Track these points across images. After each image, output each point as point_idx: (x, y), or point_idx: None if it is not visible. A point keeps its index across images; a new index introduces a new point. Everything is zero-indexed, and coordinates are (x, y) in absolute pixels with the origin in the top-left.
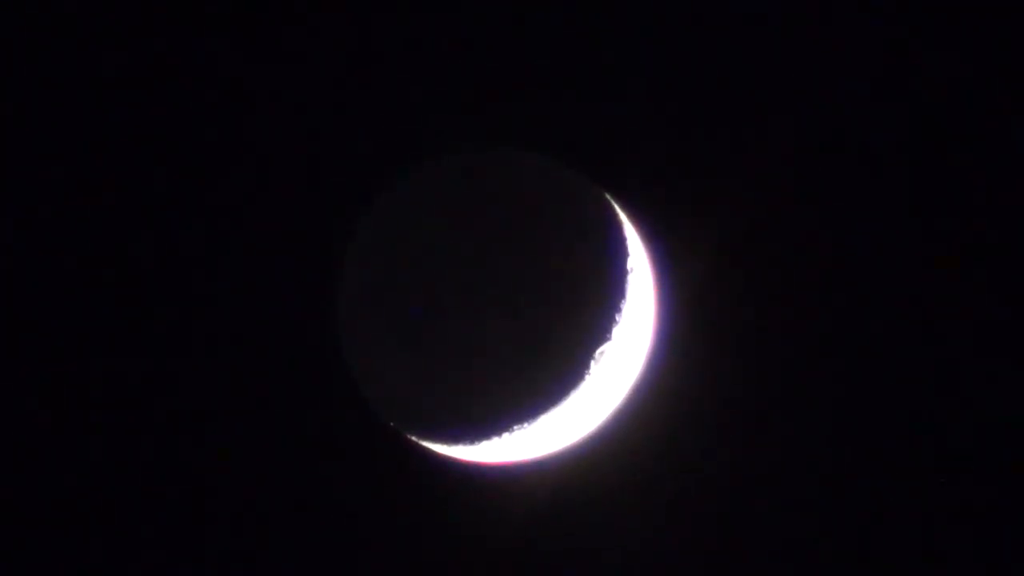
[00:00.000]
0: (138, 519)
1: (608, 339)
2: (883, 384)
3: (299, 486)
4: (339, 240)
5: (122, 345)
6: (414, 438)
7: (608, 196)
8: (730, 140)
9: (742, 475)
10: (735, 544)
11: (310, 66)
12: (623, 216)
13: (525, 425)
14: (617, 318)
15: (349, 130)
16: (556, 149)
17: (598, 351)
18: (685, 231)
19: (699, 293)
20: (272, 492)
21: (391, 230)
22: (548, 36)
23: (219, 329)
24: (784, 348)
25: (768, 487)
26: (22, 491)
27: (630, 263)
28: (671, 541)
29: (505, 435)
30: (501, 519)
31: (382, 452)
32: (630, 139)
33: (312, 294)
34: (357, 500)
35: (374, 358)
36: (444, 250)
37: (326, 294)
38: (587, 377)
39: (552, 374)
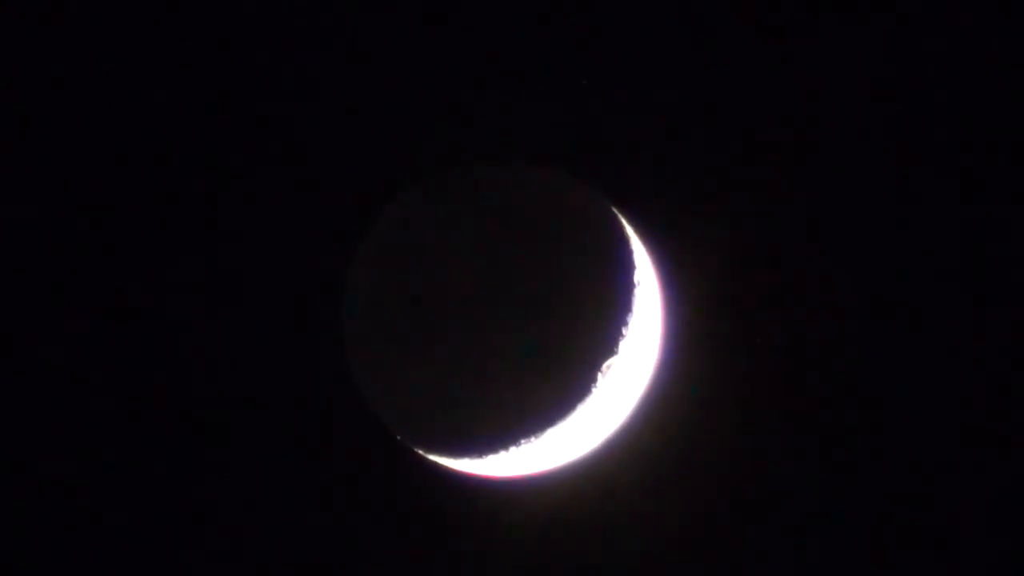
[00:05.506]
0: (142, 529)
1: (615, 352)
2: (890, 393)
3: (305, 499)
4: (344, 253)
5: (124, 354)
6: (421, 452)
7: (614, 209)
8: (736, 153)
9: (749, 487)
10: (742, 557)
11: (315, 75)
12: (629, 229)
13: (532, 439)
14: (624, 331)
15: (356, 141)
16: (563, 162)
17: (605, 364)
18: (691, 244)
19: (705, 306)
20: (277, 505)
21: (396, 244)
22: (553, 50)
23: (223, 343)
24: (791, 361)
25: (775, 499)
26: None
27: (636, 276)
28: (678, 554)
29: (512, 448)
30: (508, 533)
31: (389, 466)
32: (637, 152)
33: (318, 308)
34: (363, 514)
35: (380, 372)
36: (450, 263)
37: (332, 307)
38: (594, 390)
39: (559, 387)
